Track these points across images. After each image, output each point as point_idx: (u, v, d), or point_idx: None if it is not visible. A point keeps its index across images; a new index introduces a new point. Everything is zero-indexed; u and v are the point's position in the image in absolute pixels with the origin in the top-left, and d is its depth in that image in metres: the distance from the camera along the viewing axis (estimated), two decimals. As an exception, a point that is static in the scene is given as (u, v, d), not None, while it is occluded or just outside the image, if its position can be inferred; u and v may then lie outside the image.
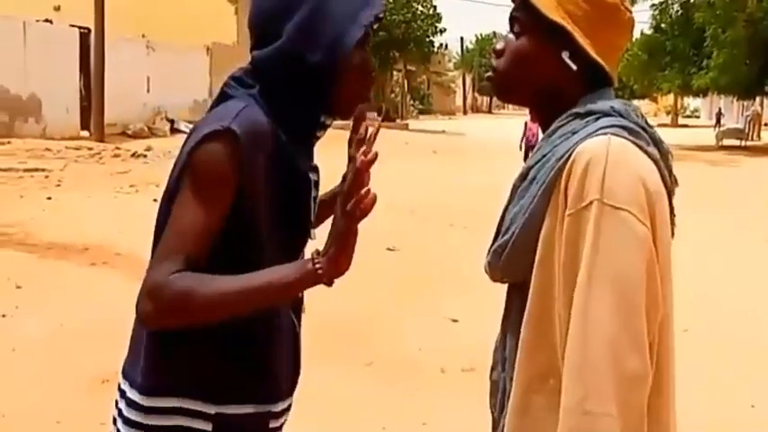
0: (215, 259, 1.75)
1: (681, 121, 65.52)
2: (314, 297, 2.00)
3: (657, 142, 1.76)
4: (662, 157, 1.74)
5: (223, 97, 1.92)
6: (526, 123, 19.22)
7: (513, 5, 1.88)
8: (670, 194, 1.74)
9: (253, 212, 1.81)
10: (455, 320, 7.12)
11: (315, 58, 1.85)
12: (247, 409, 1.93)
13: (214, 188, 1.75)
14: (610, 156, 1.62)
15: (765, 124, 43.86)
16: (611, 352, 1.57)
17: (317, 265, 1.69)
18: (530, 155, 1.84)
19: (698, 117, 75.35)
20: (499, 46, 1.88)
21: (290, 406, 2.08)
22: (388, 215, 13.38)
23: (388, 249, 10.32)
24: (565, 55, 1.79)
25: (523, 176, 1.80)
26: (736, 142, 35.99)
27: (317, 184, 2.03)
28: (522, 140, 20.31)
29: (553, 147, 1.75)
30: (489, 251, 1.84)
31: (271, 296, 1.74)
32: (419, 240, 11.25)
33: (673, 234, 1.72)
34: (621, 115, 1.73)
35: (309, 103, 1.91)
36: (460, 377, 5.85)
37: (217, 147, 1.75)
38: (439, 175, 16.10)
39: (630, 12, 1.86)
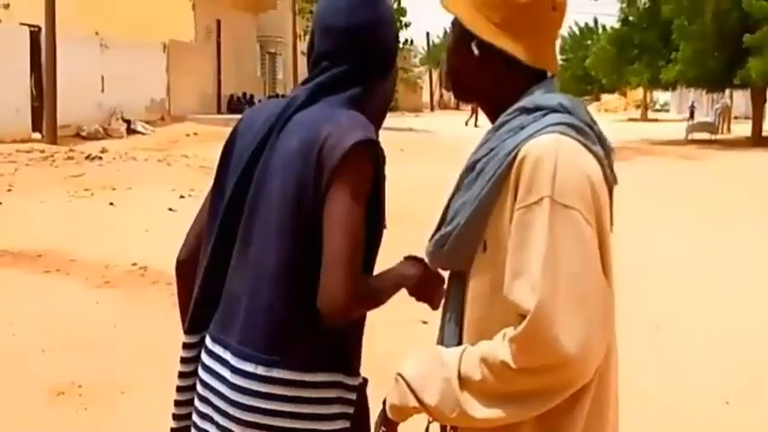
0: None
1: (650, 115, 65.52)
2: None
3: (602, 140, 1.83)
4: (605, 155, 1.82)
5: (316, 101, 2.14)
6: None
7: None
8: (611, 190, 1.83)
9: (378, 213, 2.16)
10: (425, 322, 6.95)
11: (387, 74, 2.25)
12: (360, 379, 2.24)
13: (367, 192, 2.07)
14: (559, 155, 1.70)
15: (735, 117, 43.93)
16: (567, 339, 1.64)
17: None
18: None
19: (667, 111, 75.36)
20: (449, 43, 2.00)
21: None
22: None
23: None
24: (503, 61, 1.86)
25: (470, 169, 1.86)
26: (706, 136, 35.70)
27: None
28: None
29: (501, 141, 1.80)
30: (432, 239, 1.93)
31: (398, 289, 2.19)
32: (387, 241, 11.00)
33: (611, 229, 1.81)
34: (570, 112, 1.78)
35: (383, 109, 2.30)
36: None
37: (370, 156, 2.05)
38: (407, 174, 15.88)
39: None
